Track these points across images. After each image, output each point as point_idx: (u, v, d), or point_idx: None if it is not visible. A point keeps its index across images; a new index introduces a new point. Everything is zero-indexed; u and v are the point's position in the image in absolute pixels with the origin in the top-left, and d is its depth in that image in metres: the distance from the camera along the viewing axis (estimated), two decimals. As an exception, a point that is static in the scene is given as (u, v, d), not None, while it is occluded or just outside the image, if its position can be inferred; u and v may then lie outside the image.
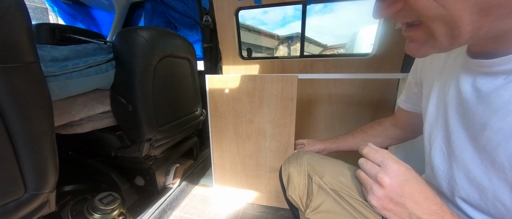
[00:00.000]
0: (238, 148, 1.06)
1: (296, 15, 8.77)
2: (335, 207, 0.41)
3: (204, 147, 1.67)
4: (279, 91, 0.94)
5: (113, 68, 0.90)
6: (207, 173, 1.44)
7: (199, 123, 1.40)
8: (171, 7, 1.65)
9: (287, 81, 0.92)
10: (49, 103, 0.58)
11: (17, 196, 0.55)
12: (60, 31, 1.10)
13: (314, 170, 0.46)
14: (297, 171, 0.48)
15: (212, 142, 1.11)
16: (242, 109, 1.00)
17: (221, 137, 1.07)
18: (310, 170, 0.46)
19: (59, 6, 1.73)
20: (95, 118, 0.94)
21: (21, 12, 0.47)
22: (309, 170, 0.47)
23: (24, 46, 0.49)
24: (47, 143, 0.58)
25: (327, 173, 0.45)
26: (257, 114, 0.99)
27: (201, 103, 1.40)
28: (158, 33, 0.97)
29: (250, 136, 1.03)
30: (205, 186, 1.29)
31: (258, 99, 0.97)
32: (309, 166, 0.47)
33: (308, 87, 1.44)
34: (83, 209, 0.90)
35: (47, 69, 0.69)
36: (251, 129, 1.01)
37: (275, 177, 1.05)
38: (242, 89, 0.97)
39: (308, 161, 0.48)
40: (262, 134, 1.01)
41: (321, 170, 0.45)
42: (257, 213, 1.09)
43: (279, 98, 0.94)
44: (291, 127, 0.96)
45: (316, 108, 1.47)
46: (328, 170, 0.46)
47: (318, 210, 0.42)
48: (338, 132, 1.50)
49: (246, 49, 1.60)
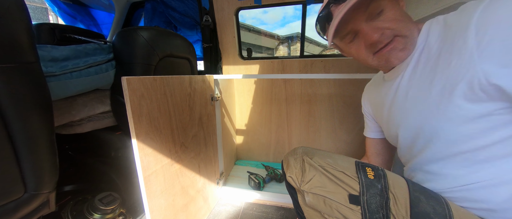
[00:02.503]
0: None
1: (296, 15, 8.70)
2: (323, 178, 0.52)
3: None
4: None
5: (113, 68, 0.90)
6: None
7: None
8: (171, 7, 1.65)
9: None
10: (49, 103, 0.58)
11: (17, 196, 0.55)
12: (60, 31, 1.10)
13: (306, 154, 0.57)
14: (294, 158, 0.58)
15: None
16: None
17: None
18: (303, 155, 0.57)
19: (59, 6, 1.73)
20: (95, 118, 0.94)
21: (21, 12, 0.47)
22: (303, 155, 0.57)
23: (24, 46, 0.49)
24: (47, 143, 0.58)
25: (316, 156, 0.56)
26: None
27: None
28: (158, 33, 0.97)
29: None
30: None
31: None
32: (303, 154, 0.58)
33: (308, 87, 1.44)
34: (83, 209, 0.90)
35: (47, 69, 0.69)
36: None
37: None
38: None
39: (303, 151, 0.59)
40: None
41: (311, 154, 0.57)
42: (257, 213, 1.09)
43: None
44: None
45: (316, 108, 1.47)
46: (317, 154, 0.57)
47: (310, 182, 0.52)
48: (338, 132, 1.50)
49: (246, 49, 1.60)
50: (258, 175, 1.36)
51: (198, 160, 0.98)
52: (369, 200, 0.47)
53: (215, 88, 1.13)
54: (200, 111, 0.98)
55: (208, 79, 1.05)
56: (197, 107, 0.95)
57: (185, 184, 0.88)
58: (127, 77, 0.59)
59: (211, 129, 1.10)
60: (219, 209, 1.13)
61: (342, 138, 1.48)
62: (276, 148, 1.65)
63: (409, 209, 0.44)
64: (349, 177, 0.50)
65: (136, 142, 0.63)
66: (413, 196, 0.46)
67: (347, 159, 0.56)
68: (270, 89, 1.53)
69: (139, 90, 0.63)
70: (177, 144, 0.82)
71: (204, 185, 1.05)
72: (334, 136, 1.49)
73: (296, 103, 1.50)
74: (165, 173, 0.76)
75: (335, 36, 0.55)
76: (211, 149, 1.11)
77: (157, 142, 0.71)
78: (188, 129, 0.89)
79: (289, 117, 1.55)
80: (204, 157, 1.03)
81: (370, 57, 0.53)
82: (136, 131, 0.63)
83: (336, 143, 1.51)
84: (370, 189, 0.48)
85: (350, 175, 0.50)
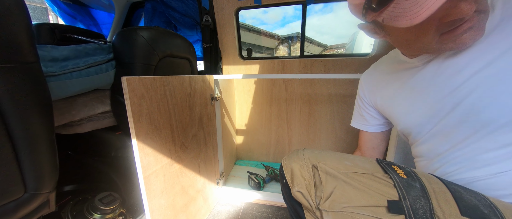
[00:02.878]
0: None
1: (296, 15, 8.76)
2: (347, 189, 0.40)
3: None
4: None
5: (113, 68, 0.90)
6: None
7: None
8: (171, 7, 1.65)
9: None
10: (49, 103, 0.58)
11: (17, 196, 0.55)
12: (60, 31, 1.10)
13: (317, 159, 0.45)
14: (300, 165, 0.46)
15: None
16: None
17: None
18: (313, 161, 0.45)
19: (59, 6, 1.73)
20: (95, 118, 0.94)
21: (21, 12, 0.47)
22: (312, 161, 0.45)
23: (24, 46, 0.49)
24: (47, 143, 0.58)
25: (329, 159, 0.44)
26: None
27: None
28: (158, 33, 0.97)
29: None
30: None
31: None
32: (312, 158, 0.46)
33: (308, 87, 1.44)
34: (83, 209, 0.90)
35: (47, 69, 0.69)
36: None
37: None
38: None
39: (309, 155, 0.47)
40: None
41: (324, 159, 0.45)
42: (257, 213, 1.09)
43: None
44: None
45: (316, 108, 1.47)
46: (331, 158, 0.45)
47: (331, 198, 0.39)
48: (338, 132, 1.50)
49: (246, 49, 1.60)
50: (258, 175, 1.36)
51: (198, 160, 0.98)
52: (413, 205, 0.36)
53: (215, 88, 1.13)
54: (200, 111, 0.98)
55: (208, 79, 1.05)
56: (197, 107, 0.95)
57: (185, 184, 0.88)
58: (127, 77, 0.59)
59: (211, 129, 1.10)
60: (219, 209, 1.13)
61: (342, 138, 1.48)
62: (276, 148, 1.65)
63: (456, 205, 0.36)
64: (380, 180, 0.40)
65: (136, 142, 0.63)
66: (452, 189, 0.38)
67: (366, 159, 0.47)
68: (270, 89, 1.53)
69: (139, 90, 0.63)
70: (177, 144, 0.82)
71: (204, 185, 1.05)
72: (334, 136, 1.49)
73: (296, 103, 1.50)
74: (165, 173, 0.76)
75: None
76: (211, 149, 1.11)
77: (157, 142, 0.71)
78: (188, 129, 0.89)
79: (289, 117, 1.55)
80: (204, 157, 1.03)
81: (435, 39, 0.40)
82: (136, 131, 0.63)
83: (336, 143, 1.50)
84: (410, 190, 0.38)
85: (381, 177, 0.40)
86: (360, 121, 0.71)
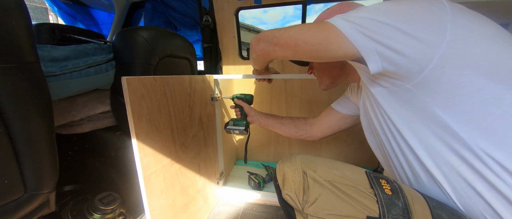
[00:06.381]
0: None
1: (296, 15, 8.66)
2: (331, 198, 0.42)
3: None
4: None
5: (113, 68, 0.90)
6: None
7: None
8: (171, 7, 1.65)
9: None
10: (49, 103, 0.58)
11: (17, 196, 0.55)
12: (60, 31, 1.10)
13: (308, 166, 0.47)
14: (292, 169, 0.48)
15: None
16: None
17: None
18: (304, 167, 0.47)
19: (59, 6, 1.73)
20: (95, 118, 0.94)
21: (21, 12, 0.47)
22: (303, 167, 0.47)
23: (24, 46, 0.49)
24: (47, 143, 0.58)
25: (320, 168, 0.46)
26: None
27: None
28: (158, 33, 0.97)
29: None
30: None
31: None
32: (303, 164, 0.48)
33: (308, 87, 1.44)
34: (83, 209, 0.90)
35: (47, 69, 0.69)
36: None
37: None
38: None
39: (301, 160, 0.49)
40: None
41: (314, 166, 0.47)
42: (257, 213, 1.09)
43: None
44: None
45: (316, 108, 1.47)
46: (321, 166, 0.47)
47: (316, 204, 0.42)
48: (338, 132, 1.49)
49: (246, 49, 1.59)
50: (258, 175, 1.36)
51: (198, 160, 0.98)
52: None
53: (215, 88, 1.13)
54: (200, 111, 0.98)
55: (208, 79, 1.05)
56: (197, 107, 0.95)
57: (185, 184, 0.88)
58: (127, 77, 0.59)
59: (211, 129, 1.10)
60: (219, 209, 1.13)
61: (342, 138, 1.48)
62: (276, 148, 1.65)
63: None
64: (364, 194, 0.41)
65: (136, 142, 0.63)
66: (435, 213, 0.39)
67: (355, 169, 0.48)
68: (270, 89, 1.52)
69: (139, 90, 0.63)
70: (177, 144, 0.82)
71: (204, 185, 1.05)
72: (334, 136, 1.49)
73: (296, 103, 1.50)
74: (165, 173, 0.76)
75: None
76: (211, 149, 1.11)
77: (157, 142, 0.71)
78: (188, 129, 0.89)
79: (289, 117, 1.54)
80: (204, 157, 1.03)
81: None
82: (136, 131, 0.62)
83: (336, 143, 1.50)
84: (391, 209, 0.39)
85: (365, 191, 0.42)
86: (336, 101, 0.84)
